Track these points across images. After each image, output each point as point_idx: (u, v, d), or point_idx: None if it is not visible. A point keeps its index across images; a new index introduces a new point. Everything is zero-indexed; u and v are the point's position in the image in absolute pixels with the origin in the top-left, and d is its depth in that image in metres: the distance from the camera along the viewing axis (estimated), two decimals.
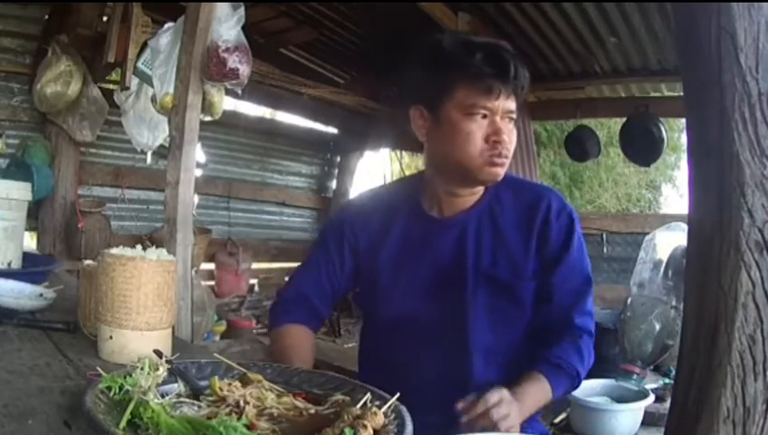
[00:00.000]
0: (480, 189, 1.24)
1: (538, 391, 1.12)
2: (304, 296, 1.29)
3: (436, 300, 1.22)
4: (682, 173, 9.35)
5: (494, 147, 1.12)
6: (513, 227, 1.21)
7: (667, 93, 4.44)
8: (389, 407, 0.85)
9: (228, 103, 3.16)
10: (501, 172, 1.16)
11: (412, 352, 1.22)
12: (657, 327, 2.34)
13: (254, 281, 5.20)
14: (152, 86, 2.63)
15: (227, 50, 2.21)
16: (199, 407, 0.86)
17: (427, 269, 1.23)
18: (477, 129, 1.12)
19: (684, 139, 6.84)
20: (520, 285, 1.20)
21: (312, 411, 0.87)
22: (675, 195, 9.79)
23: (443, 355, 1.20)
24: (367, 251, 1.28)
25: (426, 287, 1.23)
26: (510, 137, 1.15)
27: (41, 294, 1.54)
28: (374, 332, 1.33)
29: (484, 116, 1.13)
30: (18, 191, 1.89)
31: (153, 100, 2.79)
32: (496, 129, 1.12)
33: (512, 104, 1.14)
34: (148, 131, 3.26)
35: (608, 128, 6.79)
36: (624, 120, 4.30)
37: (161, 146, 3.31)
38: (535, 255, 1.20)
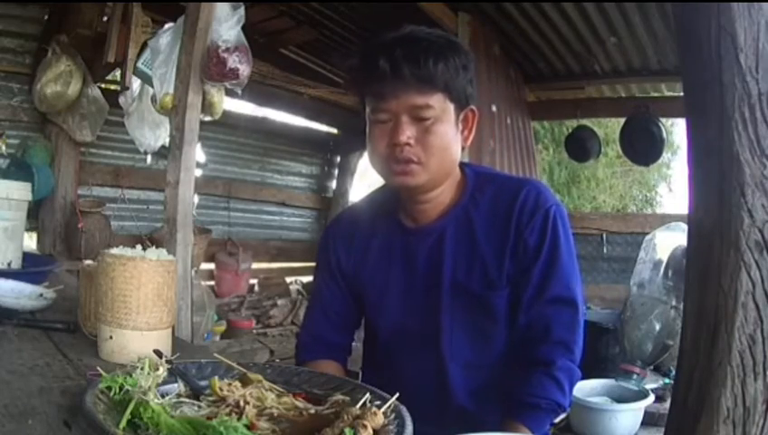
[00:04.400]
0: (444, 192, 1.15)
1: None
2: (319, 336, 1.28)
3: (417, 312, 1.18)
4: (675, 172, 9.41)
5: (392, 150, 1.05)
6: (488, 232, 1.13)
7: (667, 93, 4.44)
8: (389, 407, 0.85)
9: (228, 103, 3.16)
10: (407, 179, 1.07)
11: (400, 363, 1.20)
12: (657, 327, 2.34)
13: (254, 281, 5.20)
14: (152, 86, 2.63)
15: (227, 50, 2.21)
16: (199, 407, 0.86)
17: (407, 281, 1.18)
18: (381, 134, 1.07)
19: (677, 136, 6.87)
20: (492, 295, 1.13)
21: (312, 411, 0.87)
22: (669, 192, 9.85)
23: (424, 368, 1.17)
24: (352, 269, 1.25)
25: (407, 299, 1.19)
26: (422, 136, 1.05)
27: (41, 294, 1.54)
28: (370, 342, 1.32)
29: (389, 120, 1.06)
30: (18, 191, 1.89)
31: (153, 100, 2.79)
32: (394, 132, 1.04)
33: (420, 99, 1.03)
34: (150, 132, 3.26)
35: (604, 128, 6.81)
36: (624, 120, 4.30)
37: (162, 146, 3.32)
38: (511, 259, 1.12)
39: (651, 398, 1.95)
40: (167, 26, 2.57)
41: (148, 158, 3.60)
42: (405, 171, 1.07)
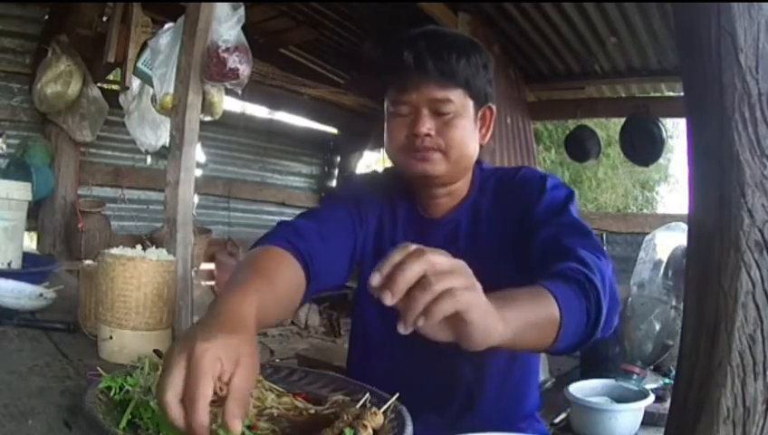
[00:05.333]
0: (460, 187, 1.15)
1: (531, 295, 0.81)
2: (292, 224, 1.09)
3: None
4: (676, 172, 9.44)
5: (411, 141, 1.06)
6: (495, 214, 1.13)
7: (667, 93, 4.44)
8: (389, 407, 0.85)
9: (228, 103, 3.16)
10: (425, 167, 1.07)
11: (408, 351, 1.11)
12: (657, 327, 2.34)
13: None
14: (152, 86, 2.63)
15: (227, 50, 2.21)
16: None
17: None
18: (400, 127, 1.08)
19: (674, 136, 6.91)
20: (504, 264, 1.05)
21: (312, 411, 0.87)
22: (669, 191, 9.88)
23: (436, 357, 1.10)
24: (372, 240, 1.19)
25: None
26: (442, 129, 1.05)
27: (41, 294, 1.54)
28: (363, 334, 1.24)
29: (409, 113, 1.07)
30: (18, 191, 1.90)
31: (153, 100, 2.79)
32: (414, 123, 1.05)
33: (441, 93, 1.05)
34: (151, 132, 3.26)
35: (607, 129, 6.82)
36: (624, 120, 4.31)
37: (162, 146, 3.32)
38: (517, 224, 1.08)
39: (651, 398, 1.95)
40: (167, 26, 2.57)
41: (149, 158, 3.60)
42: (425, 158, 1.07)
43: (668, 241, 2.63)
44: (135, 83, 3.18)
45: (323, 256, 1.03)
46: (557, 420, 2.14)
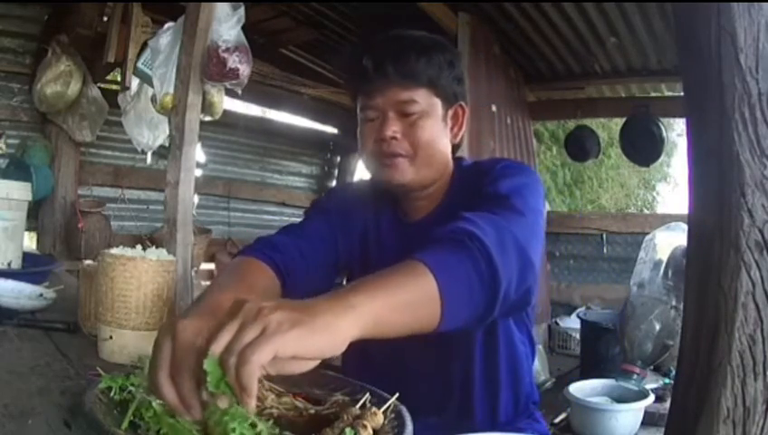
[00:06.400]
0: (438, 188, 1.14)
1: (398, 274, 0.74)
2: (269, 240, 1.07)
3: None
4: (675, 170, 9.46)
5: (379, 145, 1.07)
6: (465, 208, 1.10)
7: (667, 93, 4.44)
8: (389, 407, 0.85)
9: (228, 103, 3.16)
10: (393, 175, 1.07)
11: (396, 353, 1.12)
12: (657, 327, 2.34)
13: None
14: (152, 86, 2.63)
15: (227, 50, 2.21)
16: None
17: None
18: (369, 132, 1.08)
19: (674, 136, 6.90)
20: None
21: (312, 411, 0.87)
22: (670, 192, 9.90)
23: (432, 357, 1.12)
24: (359, 248, 1.20)
25: None
26: (408, 131, 1.05)
27: (41, 294, 1.54)
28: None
29: (377, 118, 1.07)
30: (18, 191, 1.90)
31: (153, 100, 2.79)
32: (381, 127, 1.06)
33: (404, 94, 1.05)
34: (148, 131, 3.26)
35: (609, 129, 6.82)
36: (624, 120, 4.30)
37: (161, 146, 3.32)
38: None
39: (651, 398, 1.95)
40: (167, 26, 2.57)
41: (149, 158, 3.59)
42: (392, 165, 1.07)
43: (668, 241, 2.62)
44: (134, 83, 3.18)
45: (301, 269, 1.04)
46: (557, 420, 2.14)
